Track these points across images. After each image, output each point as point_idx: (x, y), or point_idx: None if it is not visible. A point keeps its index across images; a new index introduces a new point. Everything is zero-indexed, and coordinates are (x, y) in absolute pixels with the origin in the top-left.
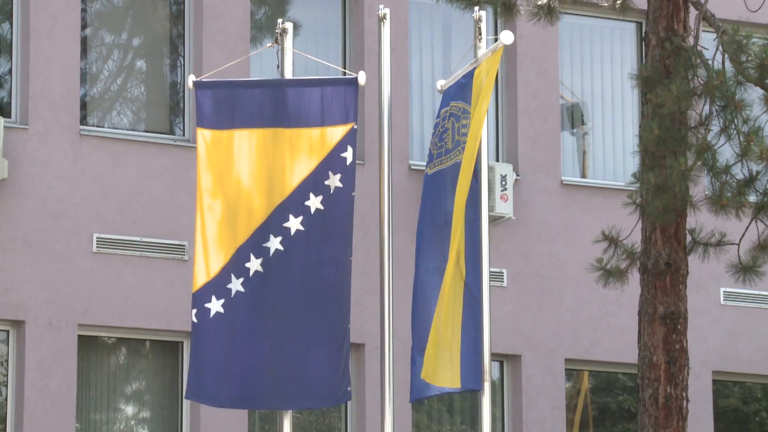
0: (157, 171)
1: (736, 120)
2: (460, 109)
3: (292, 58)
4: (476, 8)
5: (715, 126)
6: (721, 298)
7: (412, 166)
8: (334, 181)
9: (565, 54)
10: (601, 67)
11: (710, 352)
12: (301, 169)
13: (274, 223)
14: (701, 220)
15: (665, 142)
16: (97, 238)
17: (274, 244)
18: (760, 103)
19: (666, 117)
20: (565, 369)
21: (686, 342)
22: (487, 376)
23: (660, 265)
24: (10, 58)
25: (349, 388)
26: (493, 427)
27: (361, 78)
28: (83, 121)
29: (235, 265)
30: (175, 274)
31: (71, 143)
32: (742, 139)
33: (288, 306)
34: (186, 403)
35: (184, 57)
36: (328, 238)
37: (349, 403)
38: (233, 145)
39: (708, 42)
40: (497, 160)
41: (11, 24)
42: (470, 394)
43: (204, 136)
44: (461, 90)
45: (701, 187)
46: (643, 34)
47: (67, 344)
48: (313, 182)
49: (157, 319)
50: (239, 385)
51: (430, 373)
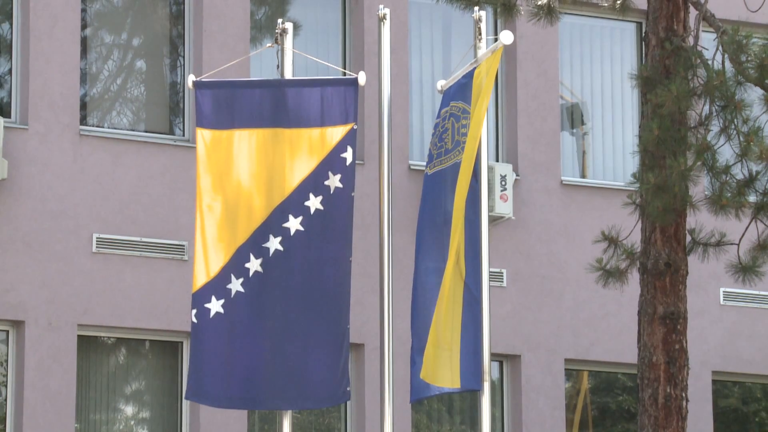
0: (157, 171)
1: (736, 120)
2: (460, 109)
3: (292, 58)
4: (476, 8)
5: (715, 126)
6: (721, 298)
7: (412, 166)
8: (334, 182)
9: (565, 54)
10: (601, 67)
11: (710, 352)
12: (300, 170)
13: (273, 224)
14: (701, 220)
15: (665, 142)
16: (97, 238)
17: (274, 244)
18: (760, 103)
19: (666, 117)
20: (565, 369)
21: (686, 342)
22: (486, 376)
23: (660, 266)
24: (10, 58)
25: (348, 388)
26: (493, 427)
27: (361, 78)
28: (83, 121)
29: (235, 265)
30: (175, 274)
31: (71, 143)
32: (741, 139)
33: (288, 306)
34: (185, 403)
35: (184, 57)
36: (327, 239)
37: (348, 403)
38: (233, 145)
39: (708, 42)
40: (497, 160)
41: (11, 24)
42: (470, 394)
43: (204, 136)
44: (461, 90)
45: (701, 187)
46: (643, 34)
47: (66, 344)
48: (313, 182)
49: (156, 319)
50: (239, 386)
51: (430, 373)
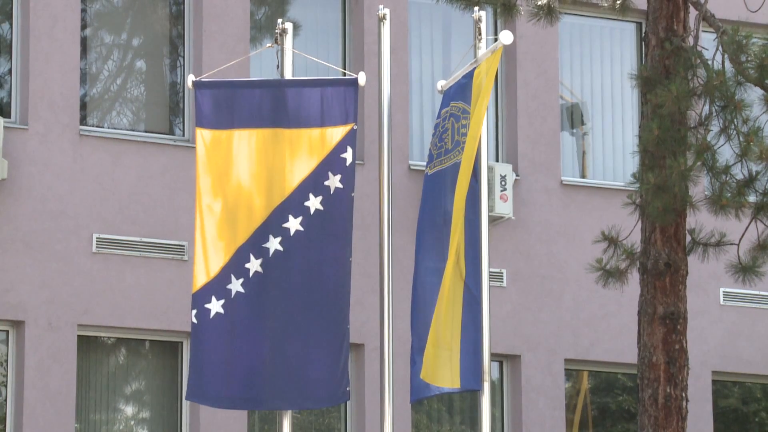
0: (157, 171)
1: (735, 120)
2: (460, 110)
3: (292, 58)
4: (476, 8)
5: (715, 126)
6: (721, 299)
7: (412, 166)
8: (334, 182)
9: (565, 54)
10: (601, 67)
11: (710, 352)
12: (300, 170)
13: (273, 224)
14: (701, 220)
15: (665, 142)
16: (97, 238)
17: (274, 244)
18: (760, 103)
19: (666, 117)
20: (565, 369)
21: (686, 342)
22: (486, 376)
23: (660, 266)
24: (10, 58)
25: (348, 388)
26: (493, 428)
27: (361, 79)
28: (83, 121)
29: (235, 265)
30: (175, 274)
31: (71, 143)
32: (741, 139)
33: (288, 306)
34: (185, 404)
35: (183, 57)
36: (327, 239)
37: (348, 403)
38: (233, 146)
39: (708, 42)
40: (497, 160)
41: (11, 24)
42: (470, 394)
43: (203, 136)
44: (461, 90)
45: (701, 187)
46: (643, 34)
47: (66, 344)
48: (313, 183)
49: (156, 319)
50: (239, 386)
51: (430, 373)
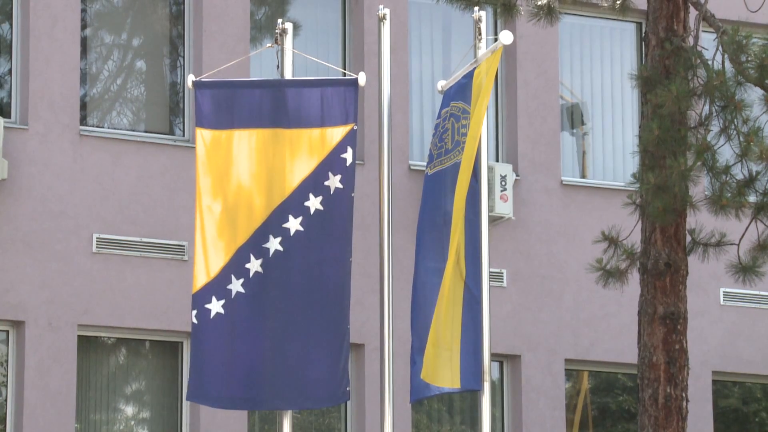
0: (157, 171)
1: (736, 120)
2: (460, 110)
3: (292, 58)
4: (476, 8)
5: (715, 126)
6: (721, 299)
7: (412, 167)
8: (334, 182)
9: (565, 54)
10: (601, 67)
11: (710, 352)
12: (300, 170)
13: (273, 224)
14: (701, 221)
15: (665, 143)
16: (97, 238)
17: (274, 244)
18: (760, 103)
19: (666, 117)
20: (565, 369)
21: (686, 342)
22: (486, 376)
23: (660, 266)
24: (10, 58)
25: (348, 388)
26: (493, 428)
27: (361, 79)
28: (83, 121)
29: (235, 265)
30: (175, 274)
31: (71, 143)
32: (741, 139)
33: (288, 306)
34: (186, 404)
35: (183, 57)
36: (327, 239)
37: (348, 403)
38: (233, 146)
39: (708, 42)
40: (497, 160)
41: (11, 24)
42: (470, 394)
43: (203, 136)
44: (461, 90)
45: (701, 187)
46: (643, 35)
47: (66, 344)
48: (313, 183)
49: (156, 319)
50: (239, 386)
51: (430, 373)
